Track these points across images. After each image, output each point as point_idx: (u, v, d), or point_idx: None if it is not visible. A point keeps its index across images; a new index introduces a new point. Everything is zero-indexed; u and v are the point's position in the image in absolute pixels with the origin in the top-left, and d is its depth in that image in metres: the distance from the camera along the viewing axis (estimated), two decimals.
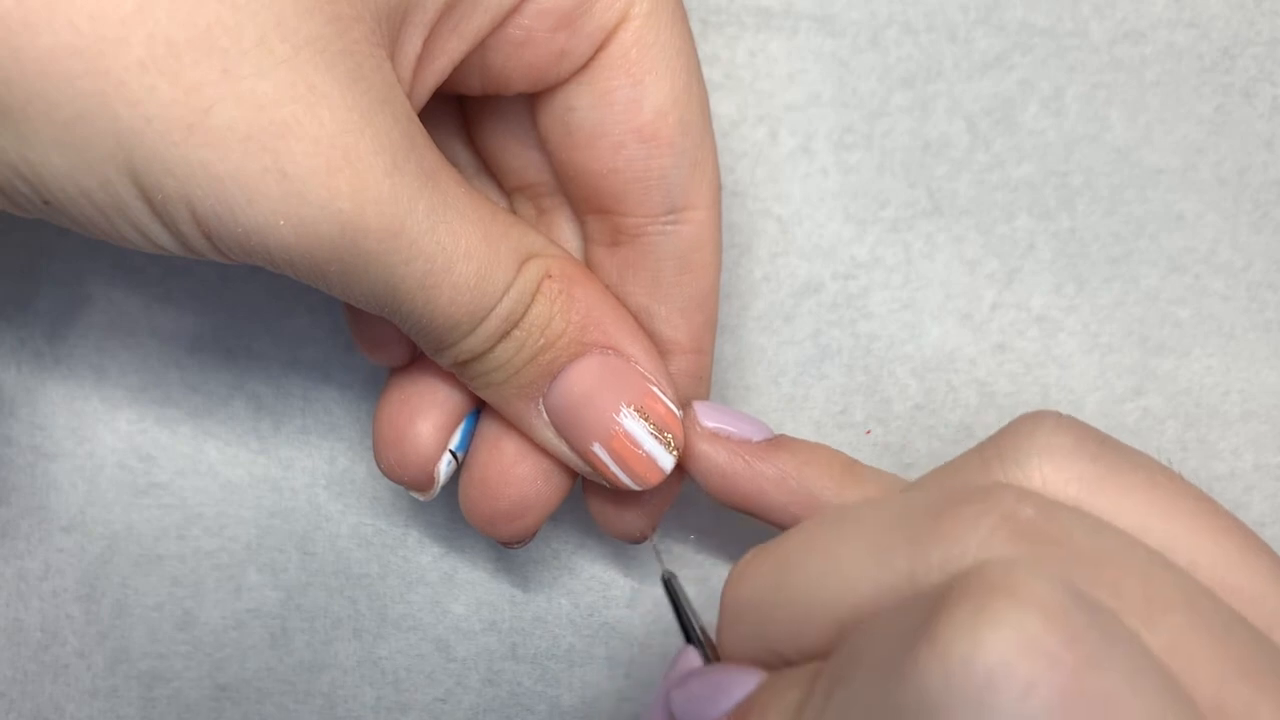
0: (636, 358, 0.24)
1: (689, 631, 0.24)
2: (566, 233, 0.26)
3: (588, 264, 0.26)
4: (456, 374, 0.24)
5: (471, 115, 0.26)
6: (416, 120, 0.21)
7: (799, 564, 0.19)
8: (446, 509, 0.30)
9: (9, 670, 0.31)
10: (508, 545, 0.27)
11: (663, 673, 0.23)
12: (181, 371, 0.31)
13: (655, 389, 0.24)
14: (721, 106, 0.29)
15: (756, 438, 0.25)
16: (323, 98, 0.19)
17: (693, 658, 0.22)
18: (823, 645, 0.18)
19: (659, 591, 0.30)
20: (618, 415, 0.24)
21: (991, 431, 0.30)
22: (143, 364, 0.31)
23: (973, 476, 0.20)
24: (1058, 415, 0.20)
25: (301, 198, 0.19)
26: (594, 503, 0.27)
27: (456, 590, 0.31)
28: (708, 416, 0.25)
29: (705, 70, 0.25)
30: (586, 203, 0.25)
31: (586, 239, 0.26)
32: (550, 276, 0.23)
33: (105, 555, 0.30)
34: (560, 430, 0.24)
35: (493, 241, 0.22)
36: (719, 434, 0.25)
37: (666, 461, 0.24)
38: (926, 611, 0.15)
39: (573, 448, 0.24)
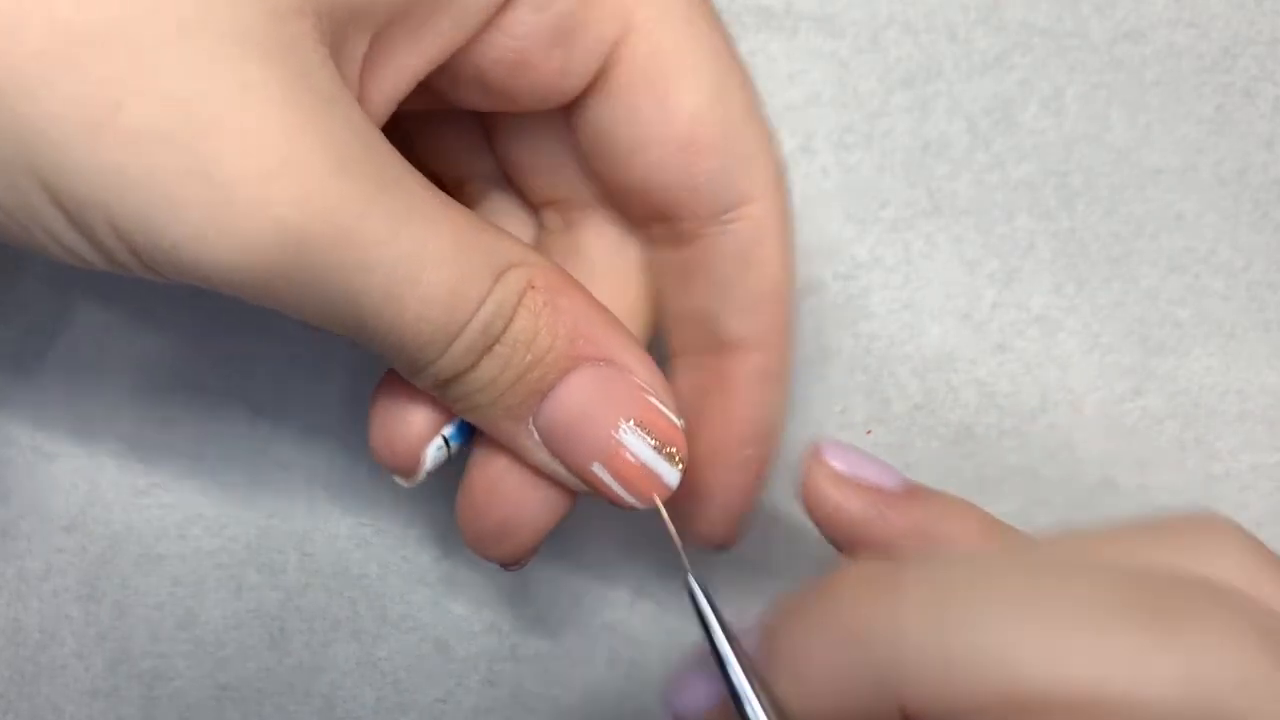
0: (632, 368, 0.22)
1: (728, 665, 0.19)
2: (593, 248, 0.25)
3: (650, 270, 0.24)
4: (439, 396, 0.22)
5: (496, 130, 0.25)
6: (369, 122, 0.19)
7: (980, 606, 0.16)
8: (447, 509, 0.30)
9: (6, 671, 0.31)
10: (504, 567, 0.25)
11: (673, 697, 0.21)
12: (181, 371, 0.31)
13: (654, 400, 0.22)
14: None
15: (890, 485, 0.23)
16: (254, 95, 0.17)
17: (699, 687, 0.19)
18: (975, 707, 0.16)
19: (659, 592, 0.30)
20: (616, 431, 0.22)
21: (991, 432, 0.30)
22: (143, 364, 0.31)
23: (1161, 563, 0.17)
24: (1239, 527, 0.18)
25: (230, 205, 0.17)
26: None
27: (456, 591, 0.31)
28: (837, 459, 0.23)
29: None
30: (638, 213, 0.24)
31: (650, 244, 0.24)
32: (533, 287, 0.21)
33: (106, 555, 0.30)
34: (555, 451, 0.22)
35: (465, 249, 0.20)
36: (850, 480, 0.23)
37: (672, 477, 0.22)
38: None
39: (569, 468, 0.22)
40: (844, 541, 0.23)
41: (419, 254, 0.19)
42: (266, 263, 0.18)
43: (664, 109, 0.22)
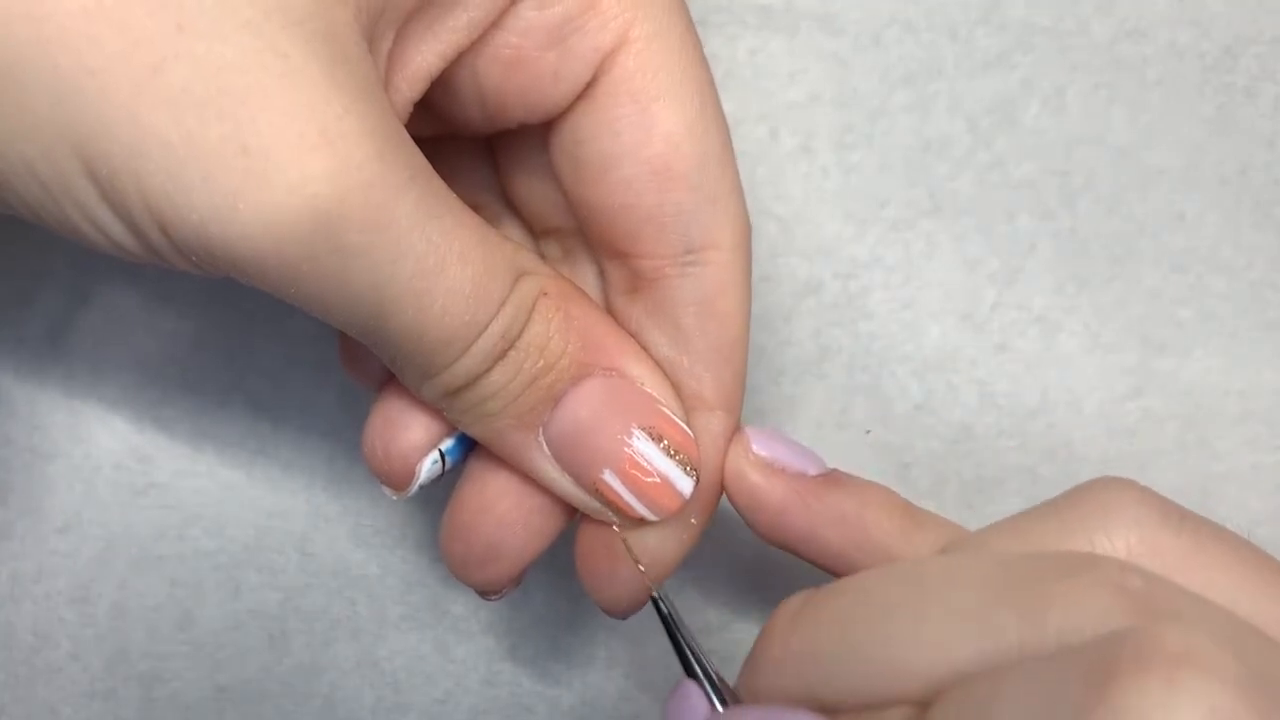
0: (642, 378, 0.22)
1: (690, 662, 0.21)
2: (591, 278, 0.24)
3: (608, 313, 0.24)
4: (444, 409, 0.22)
5: (501, 159, 0.25)
6: (399, 120, 0.19)
7: (877, 618, 0.18)
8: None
9: (0, 674, 0.30)
10: (484, 596, 0.25)
11: (668, 709, 0.21)
12: (180, 371, 0.30)
13: (665, 409, 0.22)
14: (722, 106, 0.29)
15: (812, 471, 0.23)
16: (297, 69, 0.17)
17: (695, 694, 0.20)
18: (892, 700, 0.17)
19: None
20: (628, 438, 0.22)
21: (991, 432, 0.30)
22: (141, 364, 0.30)
23: (1051, 540, 0.19)
24: (1138, 485, 0.19)
25: (265, 177, 0.17)
26: (586, 565, 0.24)
27: (455, 591, 0.31)
28: (760, 444, 0.23)
29: None
30: (602, 244, 0.23)
31: (606, 286, 0.24)
32: (546, 294, 0.21)
33: (102, 556, 0.30)
34: (564, 462, 0.22)
35: (489, 248, 0.20)
36: (773, 465, 0.23)
37: (685, 485, 0.22)
38: (1087, 679, 0.14)
39: (578, 481, 0.22)
40: (766, 529, 0.23)
41: (447, 245, 0.19)
42: (295, 240, 0.17)
43: (643, 126, 0.22)
